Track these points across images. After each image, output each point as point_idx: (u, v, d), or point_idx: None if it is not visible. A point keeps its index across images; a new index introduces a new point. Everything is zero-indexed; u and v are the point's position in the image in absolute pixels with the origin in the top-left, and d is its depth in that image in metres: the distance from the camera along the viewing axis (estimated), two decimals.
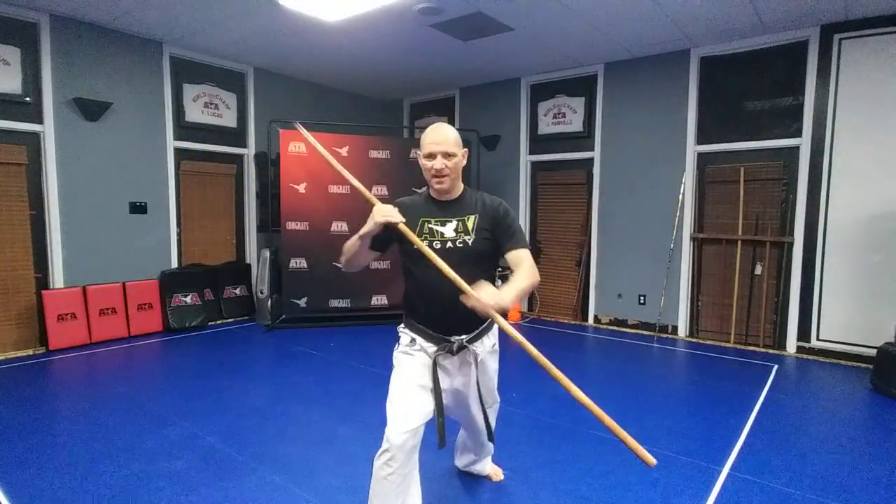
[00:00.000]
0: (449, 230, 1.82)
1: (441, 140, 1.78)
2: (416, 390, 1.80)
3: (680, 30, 4.62)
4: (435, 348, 1.83)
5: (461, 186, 1.91)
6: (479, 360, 1.92)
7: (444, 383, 1.86)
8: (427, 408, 1.79)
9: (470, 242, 1.82)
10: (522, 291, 1.70)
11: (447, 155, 1.78)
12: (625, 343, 5.09)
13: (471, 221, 1.84)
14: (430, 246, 1.79)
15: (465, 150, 1.88)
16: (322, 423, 3.05)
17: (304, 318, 5.57)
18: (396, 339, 1.93)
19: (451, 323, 1.84)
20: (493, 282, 1.76)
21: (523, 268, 1.77)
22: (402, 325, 1.94)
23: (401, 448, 1.70)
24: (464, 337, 1.86)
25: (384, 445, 1.72)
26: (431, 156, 1.79)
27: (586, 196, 5.96)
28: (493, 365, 2.05)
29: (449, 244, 1.81)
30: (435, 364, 1.82)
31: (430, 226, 1.83)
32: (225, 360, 4.33)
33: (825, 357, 4.57)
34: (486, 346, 1.96)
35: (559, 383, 1.54)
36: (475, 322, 1.88)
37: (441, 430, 1.80)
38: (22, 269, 4.47)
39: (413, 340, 1.86)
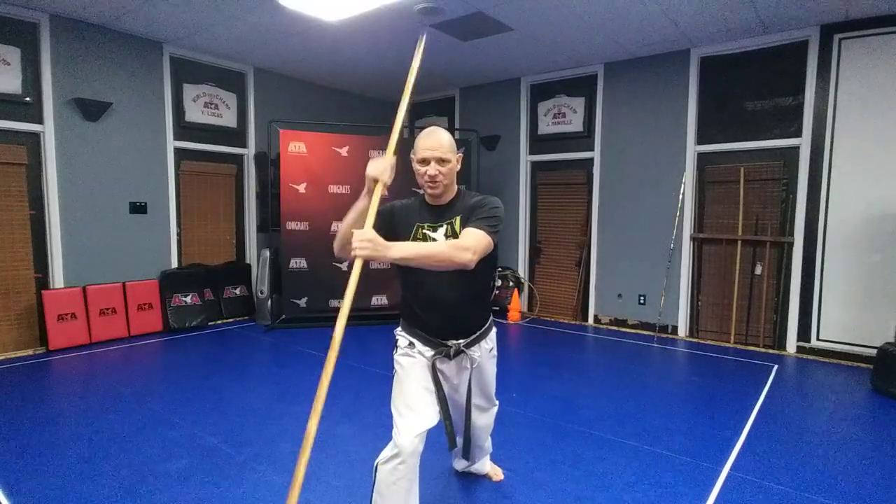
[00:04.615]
0: (440, 235, 1.80)
1: (436, 146, 1.74)
2: (423, 393, 1.80)
3: (680, 30, 4.62)
4: (432, 352, 1.83)
5: (455, 190, 1.87)
6: (475, 364, 1.92)
7: (442, 387, 1.86)
8: (434, 410, 1.80)
9: None
10: (421, 255, 1.56)
11: (441, 161, 1.74)
12: (625, 343, 5.09)
13: (457, 224, 1.82)
14: None
15: (460, 154, 1.85)
16: (322, 423, 3.02)
17: (304, 318, 5.57)
18: (394, 342, 1.93)
19: (448, 327, 1.84)
20: (490, 287, 1.75)
21: (455, 240, 1.70)
22: (400, 329, 1.94)
23: (412, 453, 1.70)
24: (461, 341, 1.86)
25: (393, 450, 1.71)
26: (425, 161, 1.75)
27: (586, 196, 5.96)
28: (490, 369, 2.04)
29: None
30: (434, 368, 1.83)
31: (423, 231, 1.82)
32: (225, 360, 4.33)
33: (825, 357, 4.57)
34: (484, 350, 1.95)
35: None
36: (473, 327, 1.89)
37: (450, 431, 1.81)
38: (22, 269, 4.47)
39: (411, 344, 1.86)
